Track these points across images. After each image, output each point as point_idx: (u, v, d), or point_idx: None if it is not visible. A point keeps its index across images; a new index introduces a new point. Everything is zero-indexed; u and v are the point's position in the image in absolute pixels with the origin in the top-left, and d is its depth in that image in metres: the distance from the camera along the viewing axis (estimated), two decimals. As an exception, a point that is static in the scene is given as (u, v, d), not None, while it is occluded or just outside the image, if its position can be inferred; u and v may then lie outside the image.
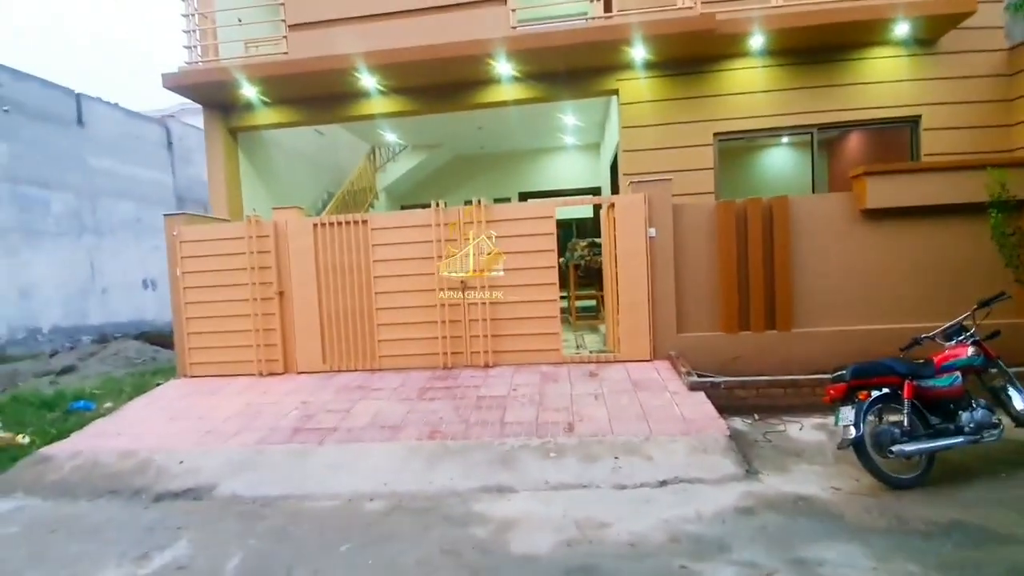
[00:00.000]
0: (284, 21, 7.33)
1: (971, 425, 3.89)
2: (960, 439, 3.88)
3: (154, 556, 3.58)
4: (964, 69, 7.17)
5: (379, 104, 8.02)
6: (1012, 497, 3.66)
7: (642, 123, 7.52)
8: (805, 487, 3.96)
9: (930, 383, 3.96)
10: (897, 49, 7.11)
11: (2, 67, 13.23)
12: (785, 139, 8.15)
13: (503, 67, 7.26)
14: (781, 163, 9.61)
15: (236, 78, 7.31)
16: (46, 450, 5.36)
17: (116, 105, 17.13)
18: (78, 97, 15.53)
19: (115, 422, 6.02)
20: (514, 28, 7.04)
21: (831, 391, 3.98)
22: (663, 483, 4.14)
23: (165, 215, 7.15)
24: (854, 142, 8.98)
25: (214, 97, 7.83)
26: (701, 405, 5.31)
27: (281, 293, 7.02)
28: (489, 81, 7.61)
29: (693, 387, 5.65)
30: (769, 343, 6.47)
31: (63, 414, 6.58)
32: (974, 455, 4.23)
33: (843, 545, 3.18)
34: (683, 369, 6.04)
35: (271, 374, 7.02)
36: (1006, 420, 4.16)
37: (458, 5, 7.06)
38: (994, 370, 4.30)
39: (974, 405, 4.02)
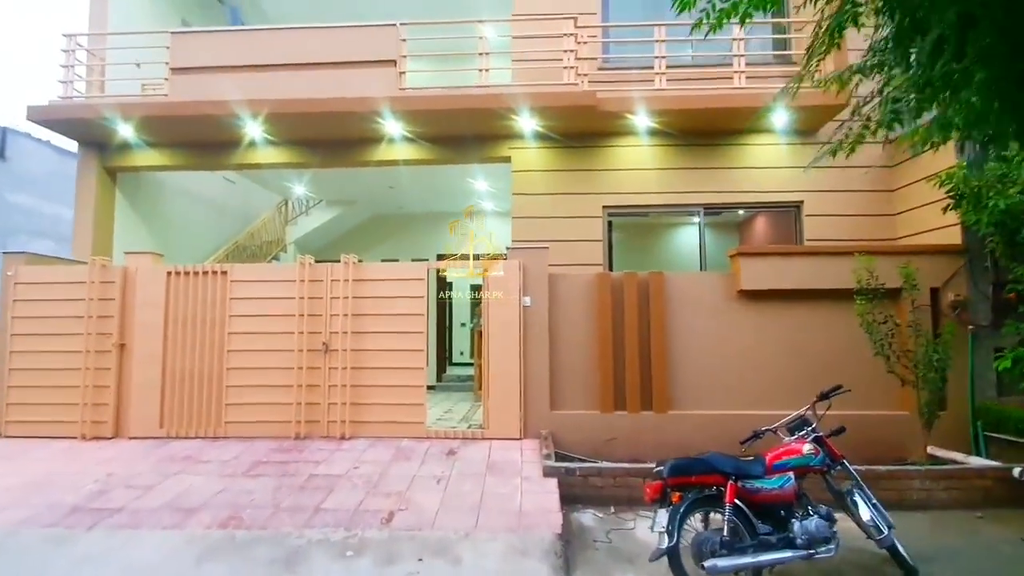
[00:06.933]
0: (167, 64, 7.12)
1: (803, 537, 3.42)
2: (789, 553, 3.39)
3: None
4: (843, 159, 7.31)
5: (269, 154, 7.74)
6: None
7: (533, 191, 7.39)
8: (614, 606, 3.39)
9: (757, 485, 3.52)
10: (778, 137, 7.24)
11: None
12: (676, 216, 8.13)
13: (393, 126, 7.12)
14: (675, 239, 9.64)
15: (111, 116, 6.96)
16: None
17: (47, 142, 16.62)
18: (3, 131, 14.99)
19: None
20: (402, 90, 6.96)
21: (648, 489, 3.50)
22: (458, 594, 3.51)
23: (4, 253, 6.50)
24: (752, 224, 9.08)
25: (89, 134, 7.42)
26: (546, 495, 4.74)
27: (122, 346, 6.34)
28: (380, 139, 7.44)
29: (547, 473, 5.11)
30: (645, 425, 6.04)
31: None
32: (818, 568, 3.76)
33: None
34: (545, 451, 5.51)
35: (96, 438, 6.19)
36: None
37: (348, 63, 6.98)
38: (839, 470, 3.92)
39: (811, 512, 3.57)
